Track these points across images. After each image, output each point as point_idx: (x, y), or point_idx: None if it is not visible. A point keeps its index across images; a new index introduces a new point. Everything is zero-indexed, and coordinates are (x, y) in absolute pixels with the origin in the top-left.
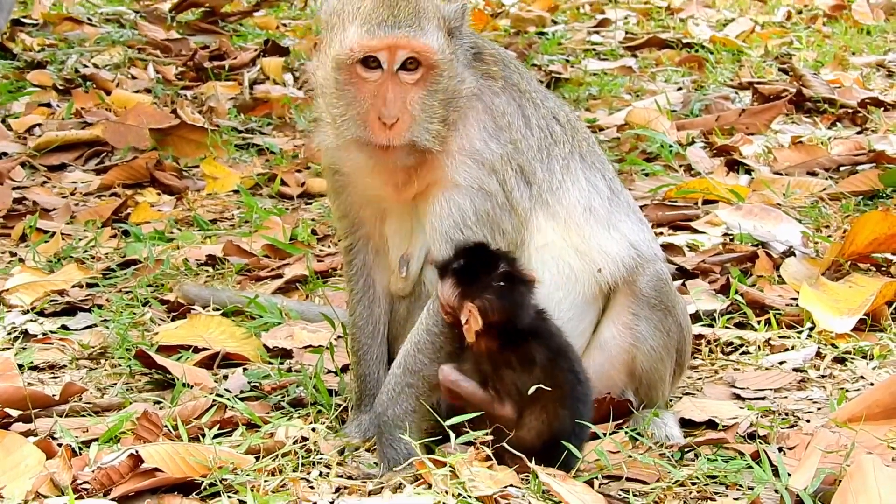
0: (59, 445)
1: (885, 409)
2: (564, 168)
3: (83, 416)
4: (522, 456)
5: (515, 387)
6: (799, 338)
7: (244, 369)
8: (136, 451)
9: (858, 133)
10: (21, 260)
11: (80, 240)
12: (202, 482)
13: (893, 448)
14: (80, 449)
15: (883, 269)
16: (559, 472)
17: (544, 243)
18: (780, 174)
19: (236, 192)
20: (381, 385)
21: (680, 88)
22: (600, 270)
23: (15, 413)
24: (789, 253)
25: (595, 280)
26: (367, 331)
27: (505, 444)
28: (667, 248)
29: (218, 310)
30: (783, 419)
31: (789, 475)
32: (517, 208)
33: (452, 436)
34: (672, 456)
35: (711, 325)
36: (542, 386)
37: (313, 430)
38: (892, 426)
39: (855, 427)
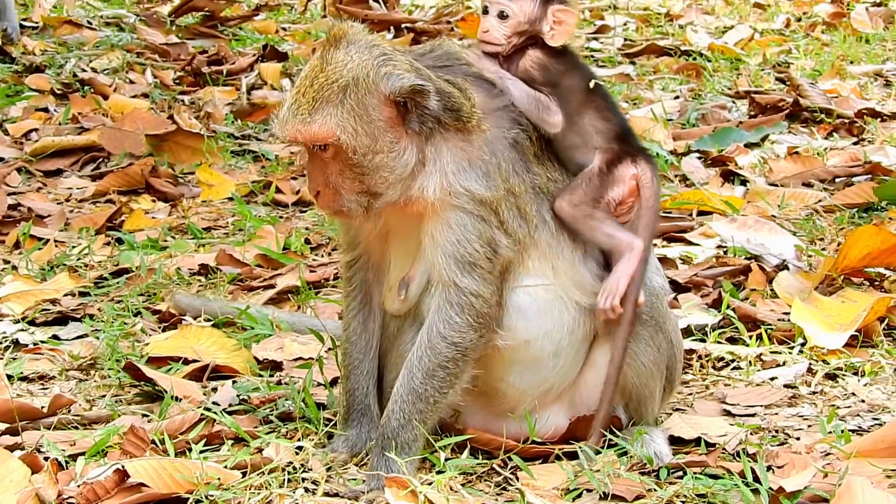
0: (46, 459)
1: (889, 447)
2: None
3: (71, 428)
4: None
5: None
6: (790, 353)
7: (233, 382)
8: (123, 466)
9: (855, 144)
10: (14, 268)
11: (74, 247)
12: (188, 498)
13: (889, 477)
14: (66, 463)
15: (876, 283)
16: (548, 492)
17: (539, 282)
18: (776, 185)
19: (231, 199)
20: (369, 399)
21: (677, 97)
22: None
23: (2, 426)
24: (782, 266)
25: (591, 318)
26: (359, 346)
27: None
28: (660, 260)
29: (209, 320)
30: (773, 436)
31: (771, 489)
32: (511, 234)
33: (441, 455)
34: (659, 474)
35: (703, 340)
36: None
37: (300, 449)
38: (894, 462)
39: (852, 455)
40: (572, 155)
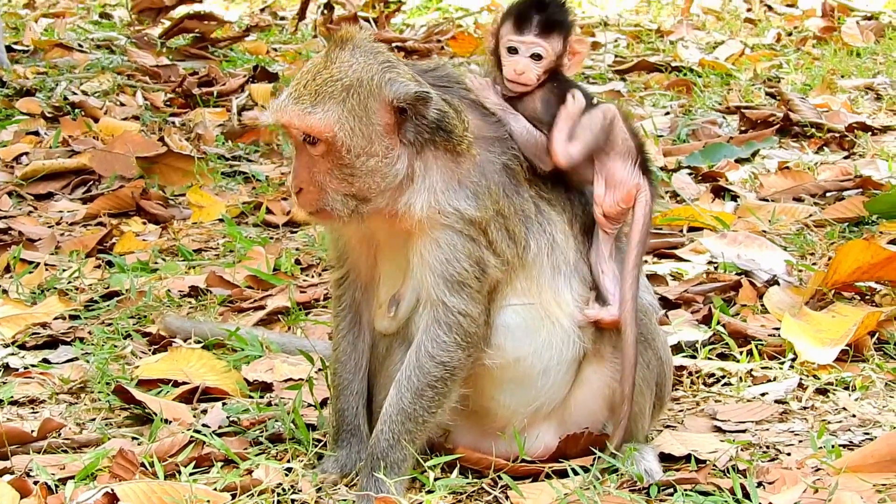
0: (35, 484)
1: (878, 461)
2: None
3: (61, 452)
4: None
5: None
6: (781, 369)
7: (223, 404)
8: (112, 490)
9: (846, 158)
10: (4, 291)
11: (64, 270)
12: None
13: (880, 492)
14: (55, 487)
15: (867, 297)
16: None
17: (527, 302)
18: (767, 200)
19: (222, 220)
20: (359, 419)
21: (668, 113)
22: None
23: None
24: (773, 282)
25: (580, 336)
26: (348, 366)
27: None
28: (650, 277)
29: (199, 342)
30: (764, 452)
31: None
32: (500, 254)
33: (431, 475)
34: (650, 492)
35: (693, 356)
36: None
37: (290, 470)
38: (884, 477)
39: (842, 471)
40: (578, 171)
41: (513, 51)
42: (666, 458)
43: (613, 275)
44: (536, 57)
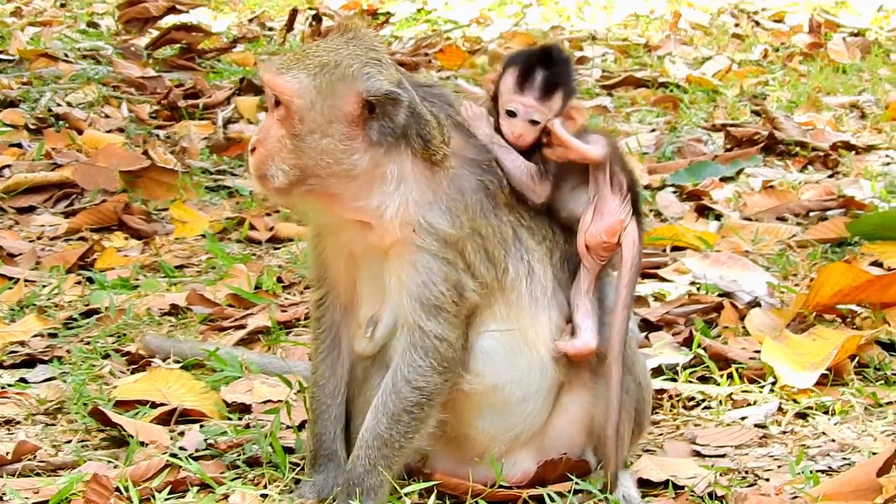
0: None
1: (856, 490)
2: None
3: (35, 475)
4: None
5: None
6: (761, 392)
7: (201, 426)
8: None
9: (830, 176)
10: None
11: (44, 287)
12: None
13: None
14: None
15: (847, 320)
16: None
17: (506, 327)
18: (750, 220)
19: (205, 236)
20: (336, 444)
21: (653, 130)
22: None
23: None
24: (754, 304)
25: (559, 364)
26: (327, 390)
27: None
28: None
29: (178, 362)
30: (742, 478)
31: None
32: (479, 277)
33: (408, 501)
34: None
35: (674, 380)
36: None
37: (265, 496)
38: None
39: (819, 499)
40: (567, 200)
41: (511, 113)
42: (644, 484)
43: (586, 310)
44: (534, 122)
